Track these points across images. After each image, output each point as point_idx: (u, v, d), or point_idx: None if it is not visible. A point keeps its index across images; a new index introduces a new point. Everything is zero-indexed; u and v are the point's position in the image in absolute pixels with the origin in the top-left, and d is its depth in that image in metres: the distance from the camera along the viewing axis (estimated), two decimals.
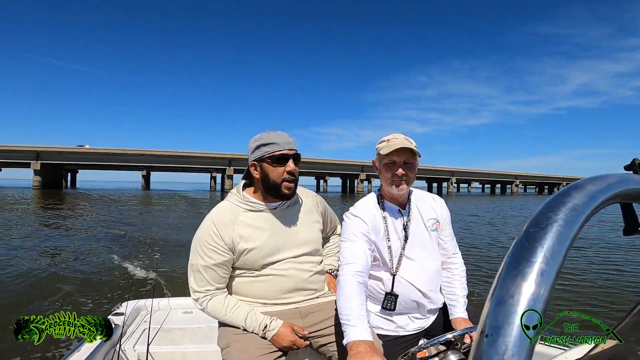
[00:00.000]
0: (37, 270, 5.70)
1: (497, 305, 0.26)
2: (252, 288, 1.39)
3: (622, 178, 0.37)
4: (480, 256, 7.30)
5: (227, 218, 1.36)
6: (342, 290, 1.24)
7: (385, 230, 1.43)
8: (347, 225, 1.42)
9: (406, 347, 1.37)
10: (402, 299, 1.44)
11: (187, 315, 2.24)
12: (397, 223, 1.45)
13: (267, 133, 1.36)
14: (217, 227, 1.34)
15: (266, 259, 1.37)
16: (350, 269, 1.29)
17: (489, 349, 0.25)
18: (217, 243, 1.33)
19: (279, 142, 1.32)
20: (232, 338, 1.31)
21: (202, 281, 1.35)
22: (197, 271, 1.35)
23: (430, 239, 1.48)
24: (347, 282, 1.26)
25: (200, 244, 1.35)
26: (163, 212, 17.17)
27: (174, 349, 1.82)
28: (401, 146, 1.34)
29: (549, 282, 0.27)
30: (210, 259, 1.33)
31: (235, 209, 1.39)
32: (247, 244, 1.34)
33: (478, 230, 11.80)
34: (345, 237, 1.39)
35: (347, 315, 1.16)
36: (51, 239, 8.87)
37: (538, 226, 0.30)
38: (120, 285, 4.92)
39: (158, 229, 10.63)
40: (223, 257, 1.34)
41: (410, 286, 1.43)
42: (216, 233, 1.33)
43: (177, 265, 6.02)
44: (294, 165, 1.34)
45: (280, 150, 1.32)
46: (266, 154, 1.32)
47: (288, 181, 1.33)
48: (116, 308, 2.15)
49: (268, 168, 1.33)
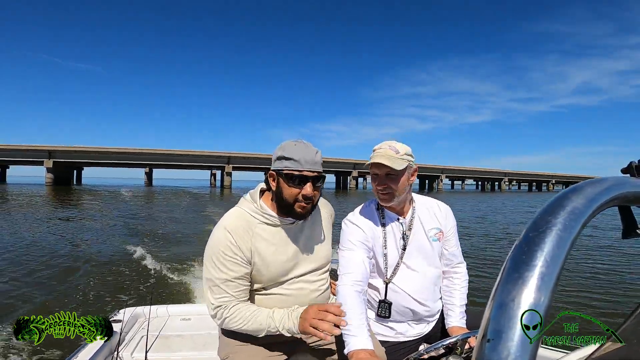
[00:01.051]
0: (60, 258, 5.81)
1: (498, 310, 0.26)
2: (263, 306, 1.30)
3: (620, 181, 0.37)
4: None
5: (243, 228, 1.24)
6: (341, 300, 1.25)
7: (384, 238, 1.42)
8: (345, 233, 1.42)
9: (406, 352, 1.37)
10: (396, 307, 1.44)
11: (185, 322, 2.23)
12: (396, 231, 1.43)
13: (293, 143, 1.22)
14: (234, 236, 1.22)
15: (277, 277, 1.29)
16: (349, 278, 1.30)
17: (490, 354, 0.25)
18: (235, 254, 1.21)
19: (301, 159, 1.18)
20: (233, 349, 1.29)
21: (222, 296, 1.22)
22: (215, 286, 1.22)
23: (432, 249, 1.46)
24: (346, 291, 1.27)
25: (217, 255, 1.21)
26: (175, 203, 20.05)
27: (172, 357, 1.82)
28: (376, 161, 1.32)
29: (549, 286, 0.27)
30: (231, 272, 1.21)
31: (250, 219, 1.27)
32: (260, 258, 1.25)
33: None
34: (344, 246, 1.40)
35: (348, 326, 1.15)
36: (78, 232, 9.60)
37: (537, 230, 0.30)
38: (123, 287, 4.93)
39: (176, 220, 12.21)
40: (244, 269, 1.23)
41: (405, 294, 1.42)
42: (234, 243, 1.21)
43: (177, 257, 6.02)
44: (311, 190, 1.20)
45: (300, 171, 1.19)
46: (285, 169, 1.20)
47: (302, 203, 1.21)
48: (114, 315, 2.14)
49: (283, 185, 1.21)
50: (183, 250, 7.43)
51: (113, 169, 66.49)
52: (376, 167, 1.35)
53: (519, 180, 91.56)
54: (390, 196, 1.37)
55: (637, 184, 0.38)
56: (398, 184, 1.36)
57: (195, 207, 18.82)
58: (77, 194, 28.05)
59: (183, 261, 6.26)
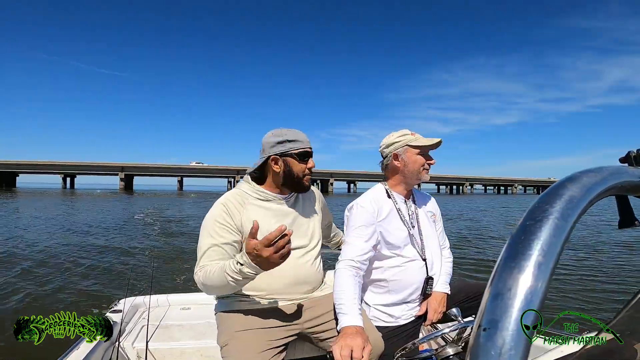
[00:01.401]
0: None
1: (495, 299, 0.26)
2: (254, 280, 1.33)
3: (618, 170, 0.37)
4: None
5: (237, 201, 1.39)
6: (337, 281, 1.34)
7: (400, 218, 1.52)
8: (352, 216, 1.49)
9: (405, 336, 1.43)
10: (407, 285, 1.49)
11: (185, 311, 2.24)
12: (406, 212, 1.55)
13: (286, 130, 1.42)
14: (227, 207, 1.35)
15: None
16: (349, 262, 1.38)
17: (486, 343, 0.25)
18: (227, 222, 1.33)
19: (302, 139, 1.41)
20: (232, 335, 1.30)
21: (210, 260, 1.29)
22: (206, 250, 1.31)
23: (432, 228, 1.60)
24: (343, 273, 1.35)
25: (211, 223, 1.34)
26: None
27: (173, 346, 1.82)
28: (440, 140, 1.52)
29: (546, 275, 0.27)
30: (221, 237, 1.31)
31: (245, 195, 1.42)
32: (250, 226, 1.32)
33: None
34: (349, 230, 1.47)
35: (341, 305, 1.26)
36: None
37: (534, 219, 0.30)
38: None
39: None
40: (234, 237, 1.33)
41: (424, 270, 1.51)
42: (226, 212, 1.34)
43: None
44: (313, 162, 1.43)
45: (304, 148, 1.40)
46: (291, 149, 1.38)
47: (308, 175, 1.42)
48: (114, 305, 2.15)
49: (293, 163, 1.39)
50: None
51: (156, 177, 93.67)
52: (434, 146, 1.53)
53: (527, 185, 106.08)
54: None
55: (634, 174, 0.38)
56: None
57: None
58: (137, 194, 44.91)
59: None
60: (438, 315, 1.47)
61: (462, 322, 1.24)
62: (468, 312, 1.44)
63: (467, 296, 1.53)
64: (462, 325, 1.20)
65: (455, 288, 1.56)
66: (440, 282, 1.54)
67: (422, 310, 1.50)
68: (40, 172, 70.13)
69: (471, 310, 1.48)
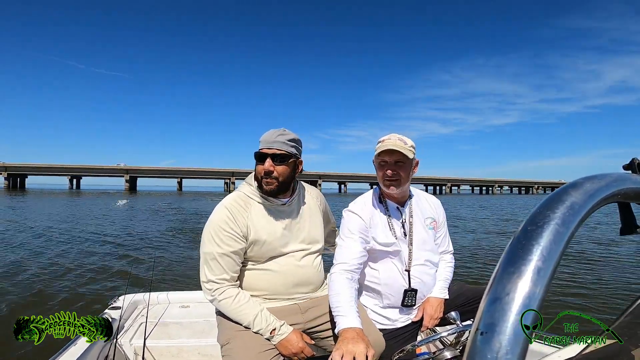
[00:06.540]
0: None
1: (493, 303, 0.26)
2: (256, 281, 1.39)
3: (621, 177, 0.37)
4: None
5: (240, 206, 1.36)
6: (332, 285, 1.31)
7: (389, 226, 1.47)
8: (344, 222, 1.47)
9: (403, 340, 1.42)
10: (400, 293, 1.47)
11: (184, 309, 2.24)
12: (399, 220, 1.50)
13: (271, 130, 1.39)
14: (232, 213, 1.33)
15: (273, 251, 1.37)
16: (342, 266, 1.36)
17: (483, 347, 0.25)
18: (233, 230, 1.32)
19: (263, 141, 1.36)
20: (232, 334, 1.30)
21: (218, 269, 1.31)
22: (212, 259, 1.31)
23: (429, 236, 1.54)
24: (337, 278, 1.33)
25: (215, 230, 1.32)
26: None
27: (171, 343, 1.81)
28: (390, 147, 1.39)
29: (544, 281, 0.27)
30: (227, 246, 1.31)
31: (247, 199, 1.40)
32: (258, 234, 1.34)
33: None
34: (342, 234, 1.46)
35: (338, 307, 1.23)
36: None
37: (535, 224, 0.30)
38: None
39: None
40: (239, 245, 1.32)
41: (419, 281, 1.48)
42: (231, 219, 1.32)
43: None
44: (268, 165, 1.32)
45: (260, 149, 1.35)
46: (257, 150, 1.37)
47: (266, 179, 1.34)
48: (113, 302, 2.15)
49: (257, 164, 1.37)
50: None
51: (156, 179, 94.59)
52: (388, 153, 1.41)
53: (508, 185, 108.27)
54: (398, 183, 1.42)
55: (637, 181, 0.38)
56: (406, 172, 1.42)
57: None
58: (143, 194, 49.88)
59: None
60: (434, 321, 1.45)
61: (461, 325, 1.23)
62: (467, 315, 1.42)
63: (467, 300, 1.51)
64: (461, 329, 1.19)
65: (454, 292, 1.54)
66: (437, 288, 1.52)
67: (418, 317, 1.48)
68: (49, 174, 73.82)
69: (470, 314, 1.46)
